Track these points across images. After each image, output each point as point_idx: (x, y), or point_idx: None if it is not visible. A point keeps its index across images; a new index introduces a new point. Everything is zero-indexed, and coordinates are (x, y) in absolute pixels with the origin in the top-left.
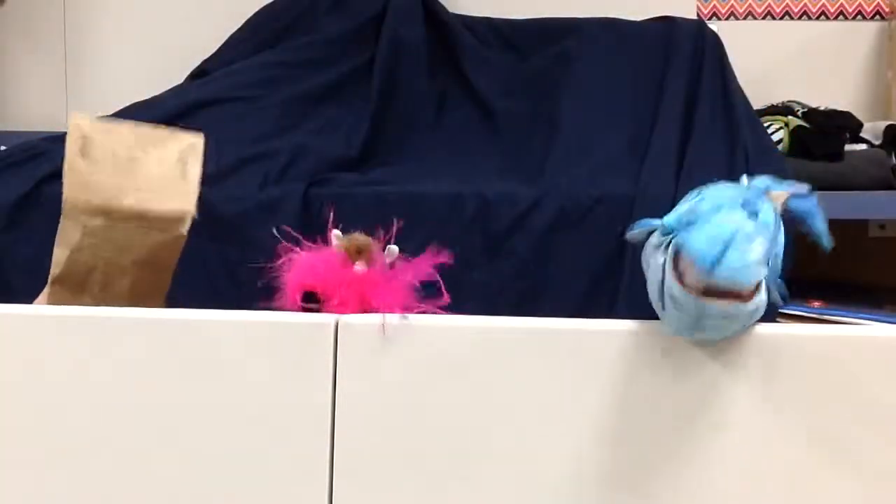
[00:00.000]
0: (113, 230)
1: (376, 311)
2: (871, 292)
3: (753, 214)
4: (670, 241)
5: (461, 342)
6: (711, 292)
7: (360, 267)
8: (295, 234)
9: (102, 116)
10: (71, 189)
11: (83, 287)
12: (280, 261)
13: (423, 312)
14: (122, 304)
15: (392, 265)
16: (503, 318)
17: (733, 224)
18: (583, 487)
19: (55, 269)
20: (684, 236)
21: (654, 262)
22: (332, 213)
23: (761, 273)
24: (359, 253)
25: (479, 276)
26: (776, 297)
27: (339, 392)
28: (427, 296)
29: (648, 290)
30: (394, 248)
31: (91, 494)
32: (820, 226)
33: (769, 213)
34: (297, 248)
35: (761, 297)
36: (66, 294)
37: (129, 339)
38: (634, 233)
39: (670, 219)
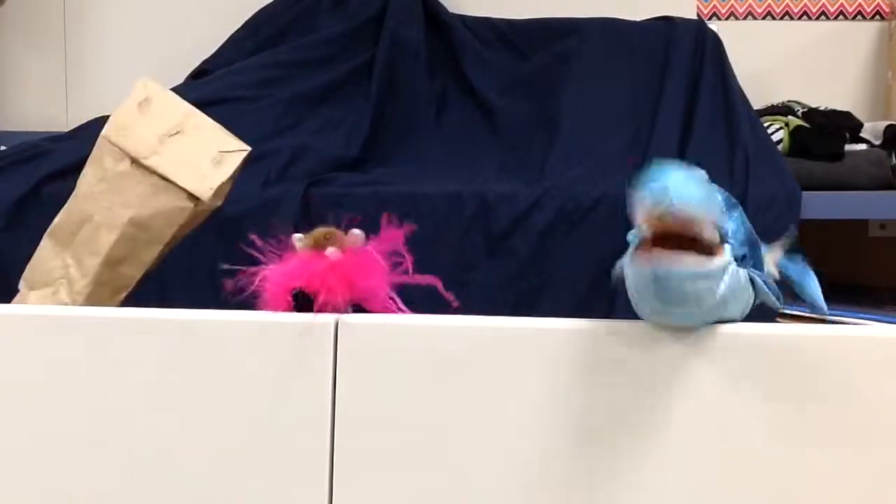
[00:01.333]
0: (129, 178)
1: (365, 290)
2: (871, 292)
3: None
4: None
5: (461, 342)
6: (662, 234)
7: (332, 252)
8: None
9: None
10: (110, 127)
11: (70, 241)
12: (257, 274)
13: (404, 282)
14: (95, 263)
15: (362, 248)
16: (503, 318)
17: (678, 173)
18: (583, 487)
19: (56, 220)
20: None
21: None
22: (331, 215)
23: (713, 212)
24: (326, 240)
25: (479, 276)
26: (773, 300)
27: (339, 392)
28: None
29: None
30: (358, 232)
31: (91, 494)
32: (813, 290)
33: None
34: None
35: (724, 261)
36: (52, 249)
37: (128, 338)
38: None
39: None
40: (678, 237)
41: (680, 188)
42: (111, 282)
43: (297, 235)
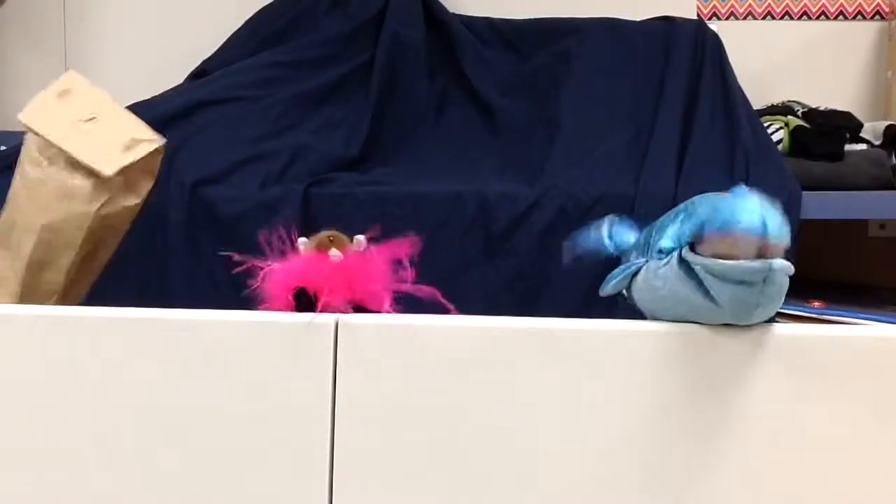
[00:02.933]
0: (41, 185)
1: (365, 294)
2: (871, 292)
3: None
4: (680, 251)
5: (461, 342)
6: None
7: (335, 254)
8: (287, 238)
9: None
10: (27, 113)
11: (7, 242)
12: (260, 272)
13: (405, 290)
14: (21, 266)
15: (364, 252)
16: (503, 318)
17: (748, 197)
18: (582, 487)
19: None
20: (711, 221)
21: (667, 276)
22: (332, 215)
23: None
24: (330, 242)
25: (479, 276)
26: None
27: (339, 392)
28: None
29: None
30: (361, 238)
31: (90, 494)
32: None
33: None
34: (282, 255)
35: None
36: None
37: (128, 338)
38: (610, 285)
39: (666, 243)
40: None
41: (773, 222)
42: (37, 286)
43: (302, 239)
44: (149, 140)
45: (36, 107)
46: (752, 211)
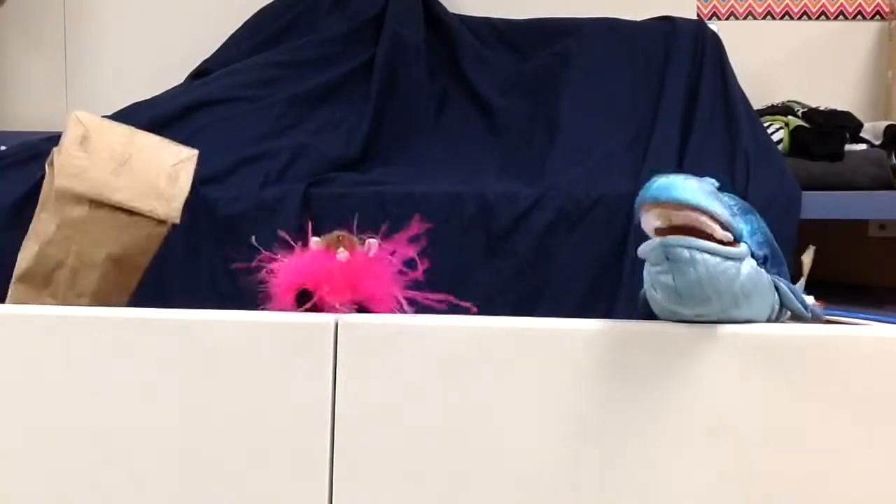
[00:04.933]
0: (93, 221)
1: (368, 295)
2: (871, 292)
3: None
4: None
5: (461, 342)
6: (666, 224)
7: (342, 254)
8: (291, 236)
9: (104, 116)
10: (61, 177)
11: (47, 284)
12: (266, 267)
13: (411, 295)
14: (84, 303)
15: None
16: (503, 318)
17: (679, 176)
18: (582, 487)
19: (21, 265)
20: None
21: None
22: (332, 217)
23: (712, 203)
24: (339, 242)
25: (479, 276)
26: (799, 308)
27: (339, 392)
28: (408, 276)
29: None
30: (373, 241)
31: (91, 494)
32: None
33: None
34: (290, 252)
35: (740, 250)
36: (29, 293)
37: (128, 339)
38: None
39: (641, 248)
40: (691, 230)
41: (680, 187)
42: None
43: (314, 238)
44: (186, 159)
45: (68, 167)
46: (661, 182)
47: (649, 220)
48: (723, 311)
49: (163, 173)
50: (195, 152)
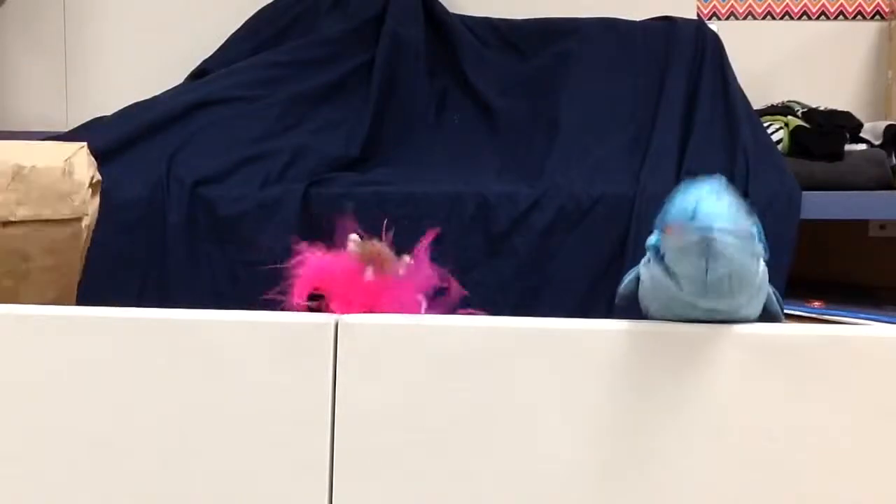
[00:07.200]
0: (10, 239)
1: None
2: (871, 292)
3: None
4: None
5: (461, 342)
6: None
7: (369, 274)
8: (297, 237)
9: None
10: None
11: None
12: (292, 259)
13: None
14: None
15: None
16: (503, 318)
17: (701, 187)
18: (582, 487)
19: None
20: (659, 215)
21: (647, 273)
22: (335, 218)
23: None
24: (372, 261)
25: (479, 276)
26: (776, 308)
27: (339, 392)
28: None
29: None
30: (407, 259)
31: (91, 494)
32: None
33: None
34: (309, 248)
35: (760, 251)
36: None
37: (128, 338)
38: (622, 289)
39: (652, 238)
40: None
41: (708, 205)
42: None
43: (354, 237)
44: (74, 151)
45: None
46: (686, 200)
47: (678, 237)
48: (737, 309)
49: (58, 172)
50: (83, 144)
